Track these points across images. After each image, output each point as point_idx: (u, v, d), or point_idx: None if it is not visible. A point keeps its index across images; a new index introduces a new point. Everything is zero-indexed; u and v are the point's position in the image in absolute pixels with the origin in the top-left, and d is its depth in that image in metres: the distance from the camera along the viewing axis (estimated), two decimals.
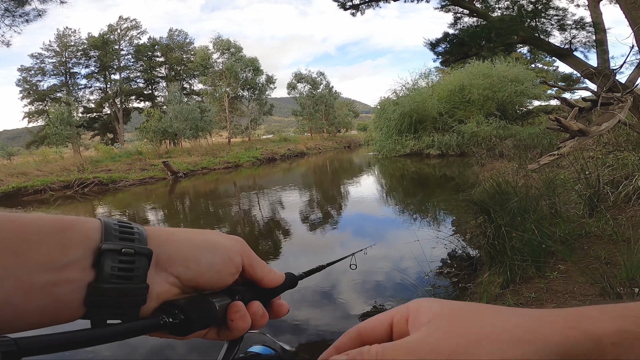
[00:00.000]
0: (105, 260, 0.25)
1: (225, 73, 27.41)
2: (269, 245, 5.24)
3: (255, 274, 0.35)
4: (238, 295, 0.33)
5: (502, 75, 15.89)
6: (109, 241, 0.26)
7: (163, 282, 0.28)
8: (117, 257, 0.26)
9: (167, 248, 0.29)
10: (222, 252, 0.32)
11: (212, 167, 20.30)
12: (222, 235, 0.34)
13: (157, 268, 0.28)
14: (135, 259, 0.26)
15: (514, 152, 9.12)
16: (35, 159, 18.87)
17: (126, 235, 0.27)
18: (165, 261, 0.29)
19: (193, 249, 0.30)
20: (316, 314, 2.93)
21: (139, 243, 0.27)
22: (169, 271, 0.29)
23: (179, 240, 0.30)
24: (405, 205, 7.59)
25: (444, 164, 13.46)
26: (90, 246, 0.25)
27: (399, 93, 18.83)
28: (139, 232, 0.28)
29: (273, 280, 0.36)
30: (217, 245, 0.32)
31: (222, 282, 0.32)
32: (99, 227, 0.26)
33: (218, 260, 0.31)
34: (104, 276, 0.25)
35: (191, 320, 0.29)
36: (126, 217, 9.32)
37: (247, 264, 0.34)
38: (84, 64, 32.28)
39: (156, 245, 0.28)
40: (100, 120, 33.48)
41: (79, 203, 12.14)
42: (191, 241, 0.31)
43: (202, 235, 0.32)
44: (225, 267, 0.32)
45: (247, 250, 0.34)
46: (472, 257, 3.51)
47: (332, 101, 34.91)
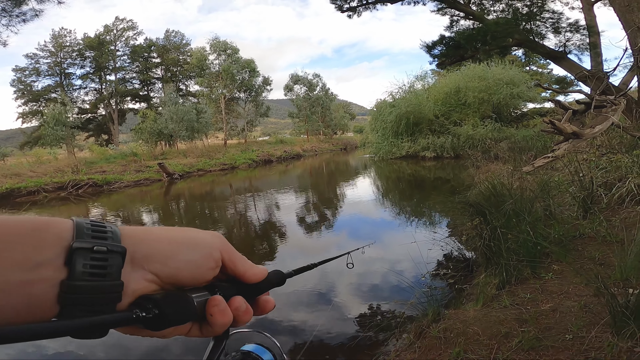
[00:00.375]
0: (77, 259, 0.26)
1: (222, 74, 27.37)
2: (264, 246, 5.22)
3: (236, 269, 0.35)
4: (218, 290, 0.33)
5: (498, 78, 16.02)
6: (80, 239, 0.26)
7: (140, 279, 0.29)
8: (89, 255, 0.26)
9: (143, 246, 0.29)
10: (200, 247, 0.32)
11: (208, 168, 20.22)
12: (200, 231, 0.34)
13: (133, 265, 0.28)
14: (108, 257, 0.27)
15: (508, 154, 9.18)
16: (28, 160, 18.67)
17: (98, 234, 0.27)
18: (141, 258, 0.29)
19: (170, 245, 0.31)
20: (312, 315, 2.92)
21: (112, 241, 0.27)
22: (146, 268, 0.29)
23: (155, 238, 0.30)
24: (401, 207, 7.61)
25: (439, 166, 13.53)
26: (62, 245, 0.26)
27: (395, 95, 18.91)
28: (112, 231, 0.28)
29: (255, 275, 0.36)
30: (196, 240, 0.32)
31: (202, 278, 0.32)
32: (71, 226, 0.27)
33: (197, 256, 0.32)
34: (76, 274, 0.25)
35: (166, 315, 0.29)
36: (120, 219, 9.25)
37: (227, 259, 0.34)
38: (79, 64, 32.08)
39: (131, 244, 0.28)
40: (95, 121, 33.24)
41: (73, 204, 12.03)
42: (168, 238, 0.31)
43: (180, 232, 0.33)
44: (204, 263, 0.32)
45: (227, 245, 0.35)
46: (468, 258, 3.52)
47: (328, 103, 34.96)
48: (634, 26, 6.08)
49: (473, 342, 1.73)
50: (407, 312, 2.54)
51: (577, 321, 1.70)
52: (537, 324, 1.76)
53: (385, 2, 9.44)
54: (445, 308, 2.28)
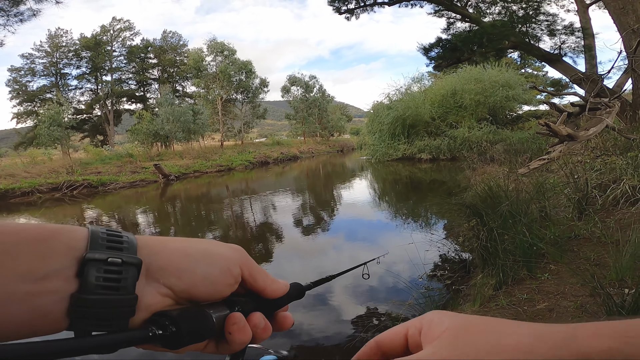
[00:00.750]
0: (90, 270, 0.24)
1: (219, 75, 27.33)
2: (260, 250, 5.20)
3: (257, 285, 0.33)
4: (238, 306, 0.32)
5: (494, 80, 16.12)
6: (94, 250, 0.25)
7: (154, 293, 0.28)
8: (102, 267, 0.25)
9: (159, 258, 0.28)
10: (219, 262, 0.31)
11: (205, 170, 20.15)
12: (219, 244, 0.33)
13: (147, 278, 0.27)
14: (122, 269, 0.26)
15: (504, 156, 9.24)
16: (23, 161, 18.51)
17: (114, 244, 0.26)
18: (156, 271, 0.28)
19: (187, 259, 0.30)
20: (309, 317, 2.91)
21: (127, 252, 0.26)
22: (161, 282, 0.28)
23: (172, 250, 0.29)
24: (398, 209, 7.63)
25: (435, 168, 13.58)
26: (74, 255, 0.25)
27: (392, 97, 18.99)
28: (128, 241, 0.27)
29: (276, 290, 0.34)
30: (214, 255, 0.31)
31: (219, 294, 0.31)
32: (85, 235, 0.26)
33: (214, 270, 0.30)
34: (88, 287, 0.24)
35: (183, 333, 0.28)
36: (115, 221, 9.19)
37: (247, 274, 0.33)
38: (75, 64, 31.94)
39: (147, 255, 0.28)
40: (91, 121, 33.05)
41: (68, 206, 11.92)
42: (185, 251, 0.30)
43: (197, 245, 0.31)
44: (222, 278, 0.31)
45: (247, 259, 0.33)
46: (465, 259, 3.54)
47: (325, 105, 35.03)
48: (628, 29, 6.17)
49: None
50: (404, 313, 2.55)
51: (574, 321, 1.71)
52: None
53: (383, 5, 9.52)
54: (443, 309, 2.28)
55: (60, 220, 9.70)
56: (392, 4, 9.45)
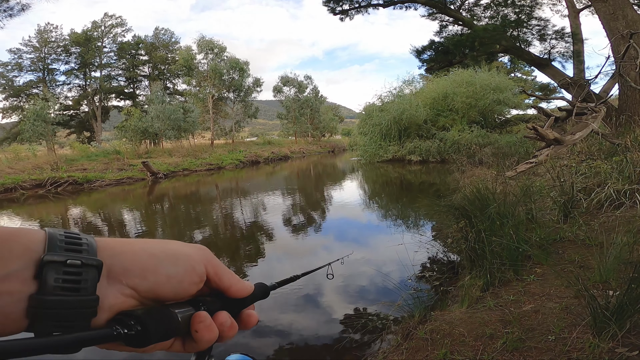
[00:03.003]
0: (48, 272, 0.25)
1: (210, 74, 27.08)
2: (247, 250, 5.14)
3: (222, 284, 0.34)
4: (203, 305, 0.32)
5: (485, 84, 16.35)
6: (52, 252, 0.25)
7: (117, 294, 0.28)
8: (61, 268, 0.25)
9: (121, 259, 0.28)
10: (183, 261, 0.31)
11: (194, 168, 19.91)
12: (184, 244, 0.33)
13: (109, 279, 0.28)
14: (82, 271, 0.26)
15: (492, 159, 9.37)
16: (6, 156, 18.03)
17: (73, 246, 0.26)
18: (119, 272, 0.28)
19: (151, 259, 0.30)
20: (298, 317, 2.88)
21: (87, 254, 0.26)
22: (124, 282, 0.28)
23: (135, 251, 0.29)
24: (388, 210, 7.65)
25: (425, 170, 13.70)
26: (31, 257, 0.25)
27: (384, 99, 19.09)
28: (87, 243, 0.27)
29: (241, 290, 0.35)
30: (178, 254, 0.31)
31: (185, 293, 0.31)
32: (43, 238, 0.26)
33: (179, 270, 0.31)
34: (47, 288, 0.24)
35: (149, 332, 0.28)
36: (99, 219, 9.00)
37: (212, 273, 0.33)
38: (64, 60, 31.25)
39: (108, 257, 0.28)
40: (77, 118, 32.38)
41: (51, 203, 11.63)
42: (149, 251, 0.30)
43: (161, 245, 0.32)
44: (187, 277, 0.31)
45: (212, 259, 0.34)
46: (453, 261, 3.56)
47: (317, 105, 35.02)
48: (617, 34, 6.31)
49: (459, 343, 1.74)
50: (393, 313, 2.54)
51: (559, 322, 1.73)
52: (521, 325, 1.78)
53: (377, 7, 9.58)
54: (432, 310, 2.28)
55: (43, 217, 9.45)
56: (386, 5, 9.51)
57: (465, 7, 10.27)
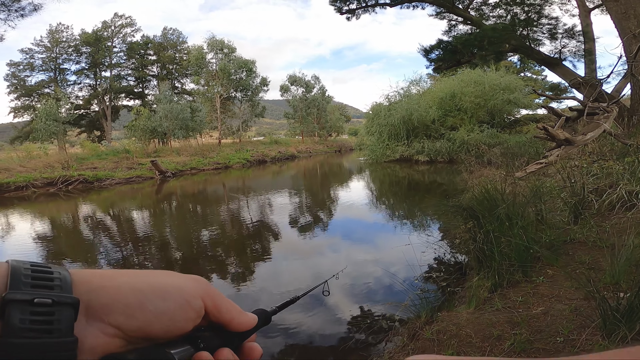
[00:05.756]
0: (12, 312, 0.22)
1: (218, 73, 27.27)
2: (253, 250, 5.17)
3: (222, 317, 0.31)
4: (202, 342, 0.29)
5: (494, 84, 16.18)
6: (15, 290, 0.23)
7: (98, 334, 0.25)
8: (28, 308, 0.22)
9: (101, 295, 0.26)
10: (175, 295, 0.28)
11: (202, 167, 20.08)
12: (177, 275, 0.30)
13: (88, 318, 0.25)
14: (54, 310, 0.23)
15: (501, 159, 9.26)
16: (18, 155, 18.35)
17: (41, 282, 0.24)
18: (99, 310, 0.25)
19: (137, 294, 0.27)
20: (304, 316, 2.89)
21: (59, 291, 0.24)
22: (106, 321, 0.25)
23: (117, 286, 0.26)
24: (395, 210, 7.63)
25: (432, 170, 13.61)
26: None
27: (391, 99, 19.01)
28: (60, 277, 0.25)
29: (243, 323, 0.32)
30: (169, 288, 0.28)
31: (179, 330, 0.28)
32: (4, 272, 0.23)
33: (171, 305, 0.28)
34: (12, 330, 0.22)
35: None
36: (109, 218, 9.11)
37: (210, 307, 0.30)
38: (75, 60, 31.72)
39: (85, 292, 0.25)
40: (88, 117, 32.85)
41: (62, 201, 11.84)
42: (134, 286, 0.27)
43: (149, 278, 0.28)
44: (181, 313, 0.28)
45: (210, 290, 0.31)
46: (461, 261, 3.54)
47: (324, 105, 35.06)
48: (629, 33, 6.19)
49: (466, 344, 1.73)
50: (400, 314, 2.54)
51: (568, 324, 1.72)
52: (529, 327, 1.77)
53: (385, 6, 9.52)
54: (439, 310, 2.27)
55: (53, 215, 9.63)
56: (394, 4, 9.46)
57: (474, 6, 10.15)
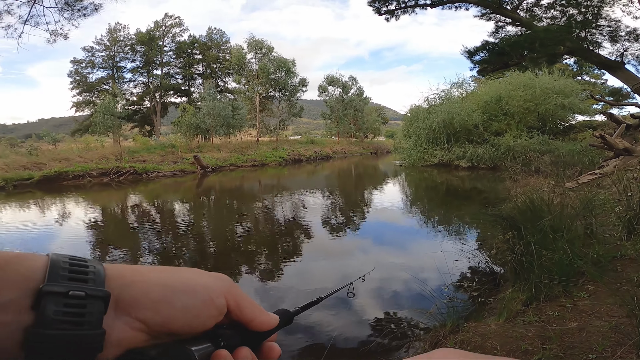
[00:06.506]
0: (47, 304, 0.23)
1: (258, 73, 28.06)
2: (284, 246, 5.25)
3: (244, 316, 0.31)
4: (223, 340, 0.30)
5: (546, 87, 15.13)
6: (52, 282, 0.23)
7: (125, 328, 0.26)
8: (62, 300, 0.23)
9: (132, 290, 0.26)
10: (201, 293, 0.29)
11: (240, 164, 20.81)
12: (202, 273, 0.31)
13: (117, 312, 0.25)
14: (86, 303, 0.24)
15: (551, 168, 8.65)
16: (78, 146, 20.14)
17: (77, 275, 0.25)
18: (128, 304, 0.26)
19: (164, 290, 0.27)
20: (327, 316, 2.90)
21: (93, 284, 0.25)
22: (133, 315, 0.26)
23: (147, 281, 0.27)
24: (429, 216, 7.40)
25: (473, 176, 13.03)
26: (28, 287, 0.23)
27: (431, 101, 18.45)
28: (95, 271, 0.25)
29: (264, 323, 0.32)
30: (195, 285, 0.29)
31: (201, 326, 0.29)
32: (44, 265, 0.24)
33: (196, 302, 0.28)
34: (45, 321, 0.22)
35: None
36: (153, 209, 9.73)
37: (233, 305, 0.31)
38: (131, 58, 34.04)
39: (117, 287, 0.26)
40: (140, 112, 35.14)
41: (113, 191, 12.82)
42: (162, 282, 0.28)
43: (177, 275, 0.29)
44: (205, 310, 0.29)
45: (234, 289, 0.31)
46: (496, 272, 3.35)
47: (361, 106, 34.79)
48: None
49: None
50: (425, 321, 2.46)
51: (604, 341, 1.58)
52: (561, 342, 1.65)
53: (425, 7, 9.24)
54: (465, 320, 2.17)
55: (105, 203, 10.47)
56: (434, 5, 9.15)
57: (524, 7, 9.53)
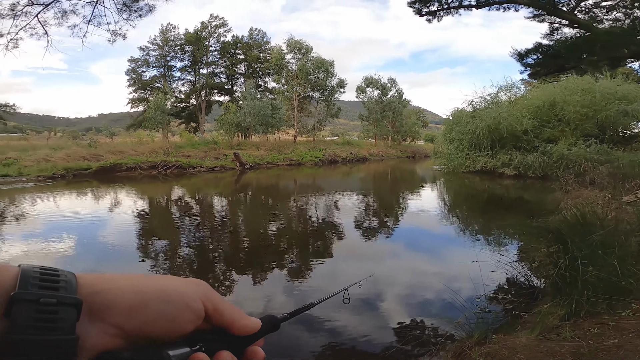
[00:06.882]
0: (18, 311, 0.24)
1: (297, 73, 28.44)
2: (315, 246, 5.27)
3: (224, 320, 0.32)
4: (202, 344, 0.30)
5: (607, 93, 13.84)
6: (23, 290, 0.24)
7: (101, 334, 0.26)
8: (33, 306, 0.24)
9: (104, 296, 0.27)
10: (175, 297, 0.29)
11: (277, 162, 21.28)
12: (177, 279, 0.32)
13: (91, 318, 0.26)
14: (58, 309, 0.25)
15: (608, 180, 7.92)
16: (131, 140, 21.72)
17: (48, 283, 0.26)
18: (101, 310, 0.27)
19: (138, 296, 0.28)
20: (351, 317, 2.88)
21: (64, 292, 0.26)
22: (108, 321, 0.27)
23: (119, 288, 0.28)
24: (467, 224, 7.06)
25: (519, 185, 12.25)
26: (1, 295, 0.24)
27: (475, 105, 17.60)
28: (66, 280, 0.26)
29: (245, 326, 0.33)
30: (169, 290, 0.30)
31: (180, 331, 0.29)
32: (15, 274, 0.25)
33: (170, 307, 0.29)
34: (17, 327, 0.23)
35: None
36: (194, 202, 10.23)
37: (211, 310, 0.31)
38: (180, 57, 36.05)
39: (88, 294, 0.27)
40: (187, 110, 37.15)
41: (160, 183, 13.69)
42: (135, 288, 0.29)
43: (150, 282, 0.30)
44: (181, 314, 0.29)
45: (210, 293, 0.32)
46: (535, 286, 3.12)
47: (400, 108, 33.97)
48: None
49: None
50: (451, 330, 2.36)
51: None
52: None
53: (470, 8, 8.79)
54: (494, 333, 2.04)
55: (152, 194, 11.20)
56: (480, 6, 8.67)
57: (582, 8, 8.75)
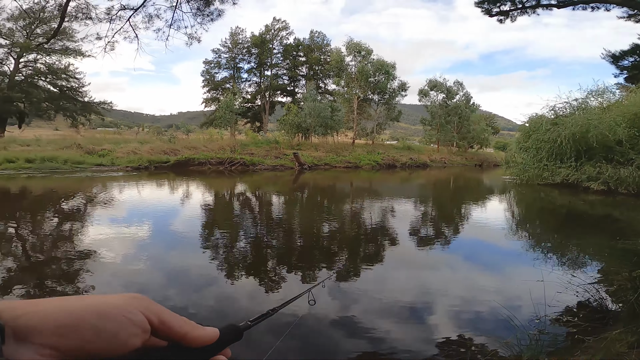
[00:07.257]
0: None
1: (357, 75, 28.29)
2: (367, 252, 5.14)
3: (174, 333, 0.31)
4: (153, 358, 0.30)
5: None
6: None
7: (33, 355, 0.26)
8: None
9: (28, 319, 0.27)
10: (112, 313, 0.29)
11: (334, 164, 21.47)
12: (110, 296, 0.31)
13: (17, 341, 0.26)
14: None
15: None
16: (204, 137, 23.70)
17: None
18: (26, 333, 0.26)
19: (67, 315, 0.28)
20: (396, 326, 2.79)
21: None
22: (38, 343, 0.26)
23: (45, 310, 0.28)
24: (539, 241, 6.35)
25: (608, 202, 10.69)
26: None
27: (558, 111, 15.76)
28: None
29: (199, 337, 0.32)
30: (104, 306, 0.29)
31: (126, 346, 0.29)
32: None
33: (108, 323, 0.28)
34: None
35: None
36: (254, 198, 10.81)
37: (156, 322, 0.31)
38: (247, 59, 38.27)
39: (10, 319, 0.26)
40: (253, 110, 39.33)
41: (225, 178, 14.74)
42: (64, 308, 0.28)
43: (83, 300, 0.29)
44: (122, 329, 0.29)
45: (152, 306, 0.31)
46: (609, 310, 2.69)
47: (468, 113, 31.77)
48: None
49: None
50: (498, 349, 2.14)
51: None
52: None
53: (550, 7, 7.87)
54: (548, 355, 1.81)
55: (218, 188, 12.12)
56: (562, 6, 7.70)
57: None
